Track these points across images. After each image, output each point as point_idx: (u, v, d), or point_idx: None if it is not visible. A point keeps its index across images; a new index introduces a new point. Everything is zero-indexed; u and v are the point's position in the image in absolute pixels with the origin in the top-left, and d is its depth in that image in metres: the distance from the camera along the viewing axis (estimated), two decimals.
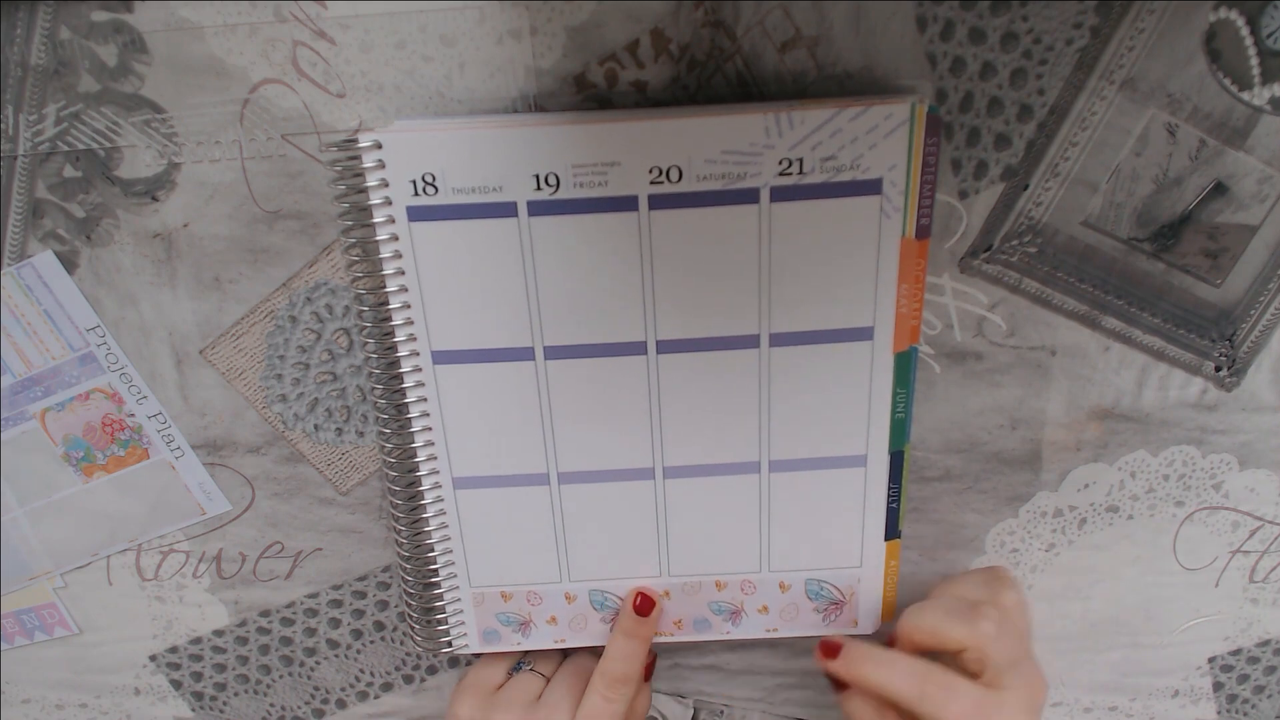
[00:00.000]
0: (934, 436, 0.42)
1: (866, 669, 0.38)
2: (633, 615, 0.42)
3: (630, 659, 0.42)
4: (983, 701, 0.37)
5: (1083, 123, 0.36)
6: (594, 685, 0.41)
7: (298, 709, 0.48)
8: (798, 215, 0.35)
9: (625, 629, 0.42)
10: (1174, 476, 0.43)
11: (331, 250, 0.39)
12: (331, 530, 0.44)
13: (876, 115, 0.34)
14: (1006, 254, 0.38)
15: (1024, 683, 0.37)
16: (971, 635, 0.37)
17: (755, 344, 0.37)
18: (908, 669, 0.38)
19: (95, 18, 0.35)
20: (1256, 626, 0.46)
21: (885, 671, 0.38)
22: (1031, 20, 0.34)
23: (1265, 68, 0.35)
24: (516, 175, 0.34)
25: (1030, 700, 0.37)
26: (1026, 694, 0.37)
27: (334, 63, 0.35)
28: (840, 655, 0.40)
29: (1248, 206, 0.37)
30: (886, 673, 0.38)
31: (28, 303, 0.39)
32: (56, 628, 0.46)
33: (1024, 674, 0.37)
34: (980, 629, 0.37)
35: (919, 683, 0.37)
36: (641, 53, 0.35)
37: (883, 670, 0.38)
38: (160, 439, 0.42)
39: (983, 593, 0.40)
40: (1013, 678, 0.37)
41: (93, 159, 0.37)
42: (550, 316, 0.37)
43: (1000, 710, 0.36)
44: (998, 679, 0.37)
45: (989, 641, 0.37)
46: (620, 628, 0.42)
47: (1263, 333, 0.40)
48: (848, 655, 0.39)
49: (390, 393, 0.38)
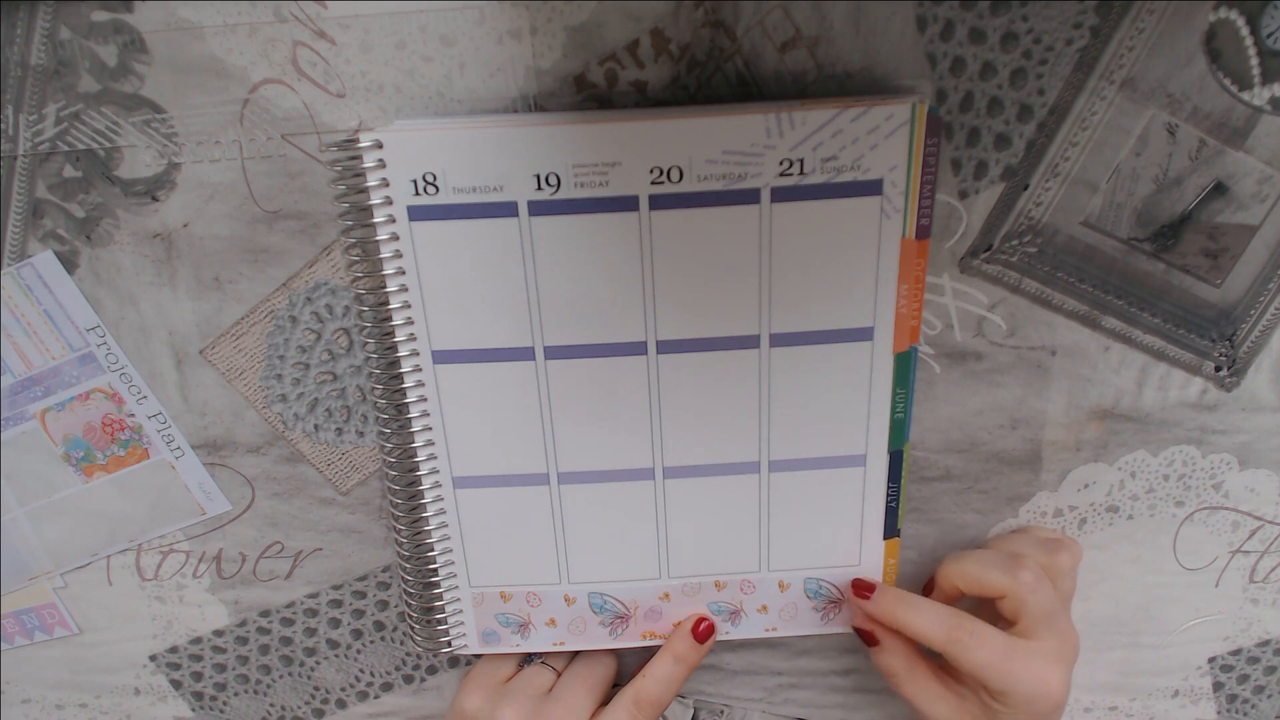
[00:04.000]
0: (934, 436, 0.42)
1: (898, 610, 0.39)
2: (689, 639, 0.41)
3: (671, 684, 0.41)
4: (1012, 648, 0.37)
5: (1083, 123, 0.36)
6: (622, 702, 0.41)
7: (298, 709, 0.48)
8: (798, 216, 0.35)
9: (677, 653, 0.41)
10: (1174, 476, 0.43)
11: (331, 250, 0.39)
12: (331, 530, 0.44)
13: (877, 116, 0.34)
14: (1006, 254, 0.39)
15: (1057, 636, 0.37)
16: (1010, 583, 0.38)
17: (755, 344, 0.37)
18: (937, 612, 0.38)
19: (95, 18, 0.35)
20: (1256, 626, 0.46)
21: (915, 614, 0.38)
22: (1031, 20, 0.34)
23: (1265, 68, 0.35)
24: (517, 175, 0.34)
25: (1060, 652, 0.37)
26: (1058, 646, 0.37)
27: (334, 63, 0.35)
28: (873, 596, 0.40)
29: (1248, 206, 0.37)
30: (916, 615, 0.38)
31: (28, 303, 0.39)
32: (56, 628, 0.46)
33: (1058, 629, 0.37)
34: (1019, 577, 0.37)
35: (947, 626, 0.37)
36: (641, 53, 0.35)
37: (912, 612, 0.38)
38: (160, 439, 0.42)
39: (1037, 550, 0.40)
40: (1046, 630, 0.37)
41: (93, 159, 0.37)
42: (550, 316, 0.37)
43: (1030, 659, 0.37)
44: (1031, 629, 0.37)
45: (1026, 590, 0.37)
46: (672, 650, 0.42)
47: (1263, 333, 0.40)
48: (880, 597, 0.40)
49: (390, 393, 0.38)
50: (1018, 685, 0.36)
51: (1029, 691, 0.37)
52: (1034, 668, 0.37)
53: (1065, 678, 0.37)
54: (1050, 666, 0.37)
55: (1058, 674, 0.37)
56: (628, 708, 0.41)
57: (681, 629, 0.42)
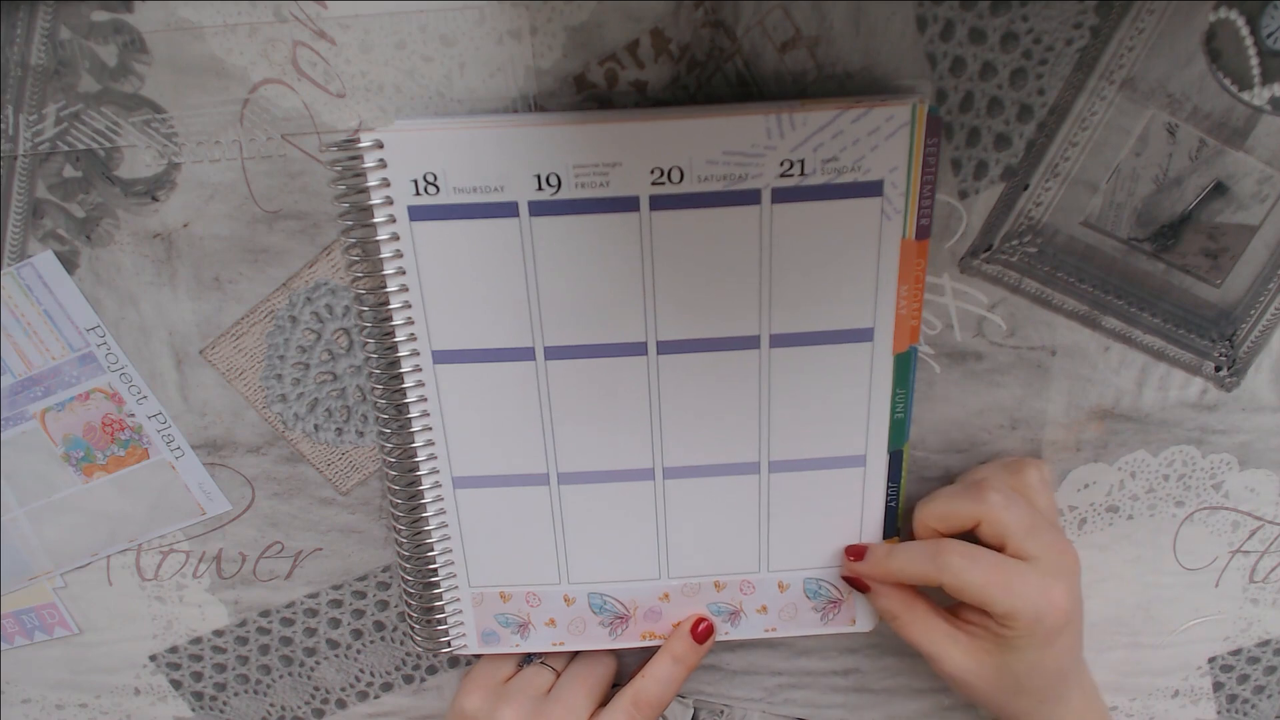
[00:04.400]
0: (934, 436, 0.42)
1: (890, 563, 0.39)
2: (688, 640, 0.41)
3: (670, 685, 0.41)
4: (1006, 565, 0.36)
5: (1083, 123, 0.36)
6: (621, 702, 0.41)
7: (298, 709, 0.48)
8: (799, 216, 0.35)
9: (676, 654, 0.41)
10: (1174, 476, 0.43)
11: (331, 250, 0.39)
12: (331, 530, 0.44)
13: (878, 117, 0.34)
14: (1006, 254, 0.39)
15: (1050, 549, 0.36)
16: (980, 507, 0.37)
17: (755, 345, 0.37)
18: (921, 546, 0.38)
19: (95, 18, 0.34)
20: (1256, 626, 0.46)
21: (904, 557, 0.38)
22: (1031, 20, 0.34)
23: (1265, 68, 0.35)
24: (518, 175, 0.34)
25: (1060, 565, 0.36)
26: (1055, 559, 0.36)
27: (334, 63, 0.35)
28: (865, 558, 0.40)
29: (1248, 206, 0.37)
30: (906, 558, 0.38)
31: (28, 303, 0.39)
32: (56, 628, 0.46)
33: (1048, 542, 0.36)
34: (988, 499, 0.37)
35: (935, 556, 0.37)
36: (641, 53, 0.35)
37: (902, 557, 0.38)
38: (160, 439, 0.42)
39: (1001, 474, 0.40)
40: (1035, 545, 0.36)
41: (93, 159, 0.37)
42: (551, 317, 0.37)
43: (1027, 574, 0.36)
44: (1020, 548, 0.36)
45: (999, 510, 0.36)
46: (670, 651, 0.41)
47: (1263, 333, 0.40)
48: (871, 556, 0.40)
49: (390, 393, 0.38)
50: (1020, 602, 0.35)
51: (1035, 607, 0.35)
52: (1033, 582, 0.35)
53: (1070, 589, 0.36)
54: (1049, 579, 0.36)
55: (1058, 586, 0.36)
56: (627, 708, 0.41)
57: (681, 630, 0.42)
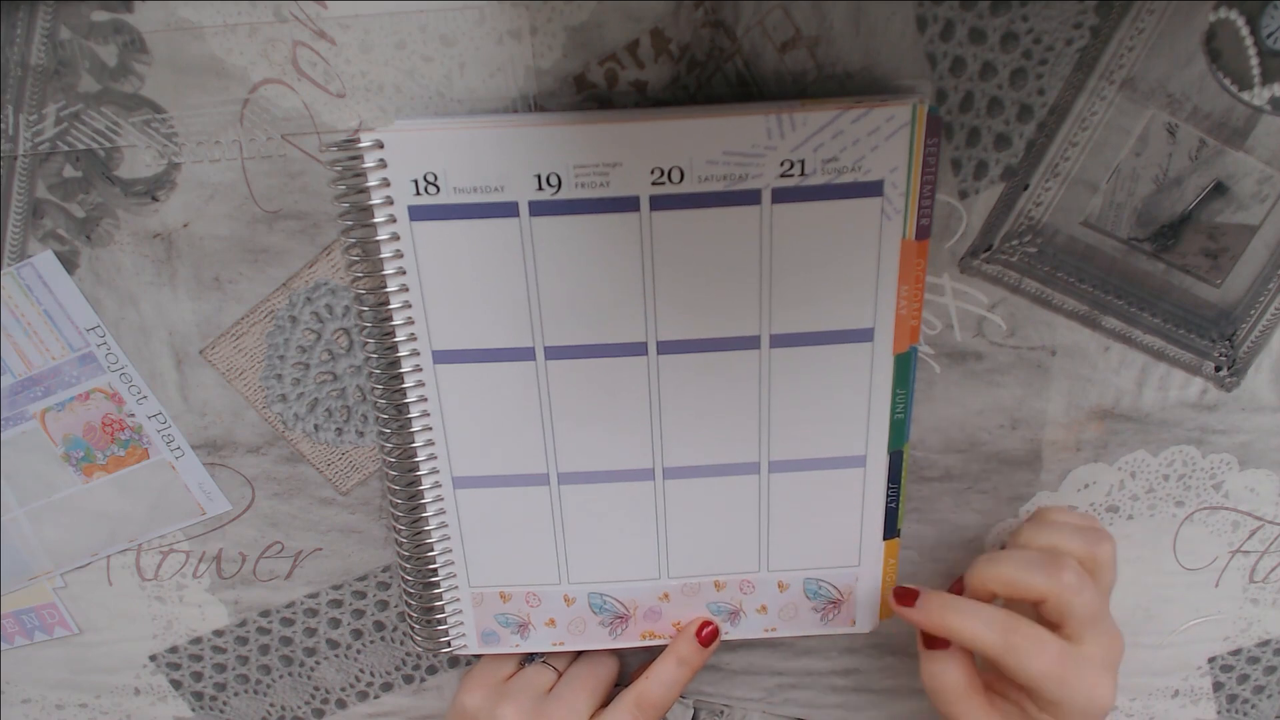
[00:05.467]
0: (934, 436, 0.42)
1: (949, 618, 0.36)
2: (693, 642, 0.41)
3: (674, 687, 0.41)
4: (1065, 656, 0.34)
5: (1083, 123, 0.36)
6: (624, 703, 0.41)
7: (298, 709, 0.48)
8: (799, 217, 0.35)
9: (681, 656, 0.41)
10: (1174, 476, 0.43)
11: (331, 250, 0.39)
12: (331, 530, 0.44)
13: (878, 117, 0.34)
14: (1006, 254, 0.39)
15: (1104, 639, 0.35)
16: (1053, 586, 0.35)
17: (756, 345, 0.37)
18: (992, 618, 0.35)
19: (95, 18, 0.34)
20: (1256, 626, 0.46)
21: (969, 620, 0.35)
22: (1031, 20, 0.34)
23: (1265, 68, 0.35)
24: (518, 175, 0.34)
25: (1108, 657, 0.35)
26: (1106, 650, 0.35)
27: (334, 63, 0.35)
28: (918, 603, 0.37)
29: (1248, 206, 0.37)
30: (970, 622, 0.35)
31: (28, 303, 0.39)
32: (56, 628, 0.46)
33: (1104, 630, 0.35)
34: (1063, 579, 0.35)
35: (1004, 632, 0.35)
36: (641, 53, 0.35)
37: (966, 619, 0.35)
38: (160, 439, 0.42)
39: (1076, 543, 0.37)
40: (1092, 633, 0.35)
41: (93, 159, 0.37)
42: (551, 317, 0.37)
43: (1081, 666, 0.34)
44: (1078, 633, 0.35)
45: (1071, 593, 0.35)
46: (675, 653, 0.41)
47: (1263, 333, 0.40)
48: (926, 603, 0.37)
49: (390, 393, 0.38)
50: (1073, 695, 0.34)
51: (1084, 702, 0.34)
52: (1088, 676, 0.34)
53: (1114, 684, 0.35)
54: (1101, 674, 0.35)
55: (1107, 681, 0.35)
56: (629, 709, 0.41)
57: (686, 632, 0.42)
